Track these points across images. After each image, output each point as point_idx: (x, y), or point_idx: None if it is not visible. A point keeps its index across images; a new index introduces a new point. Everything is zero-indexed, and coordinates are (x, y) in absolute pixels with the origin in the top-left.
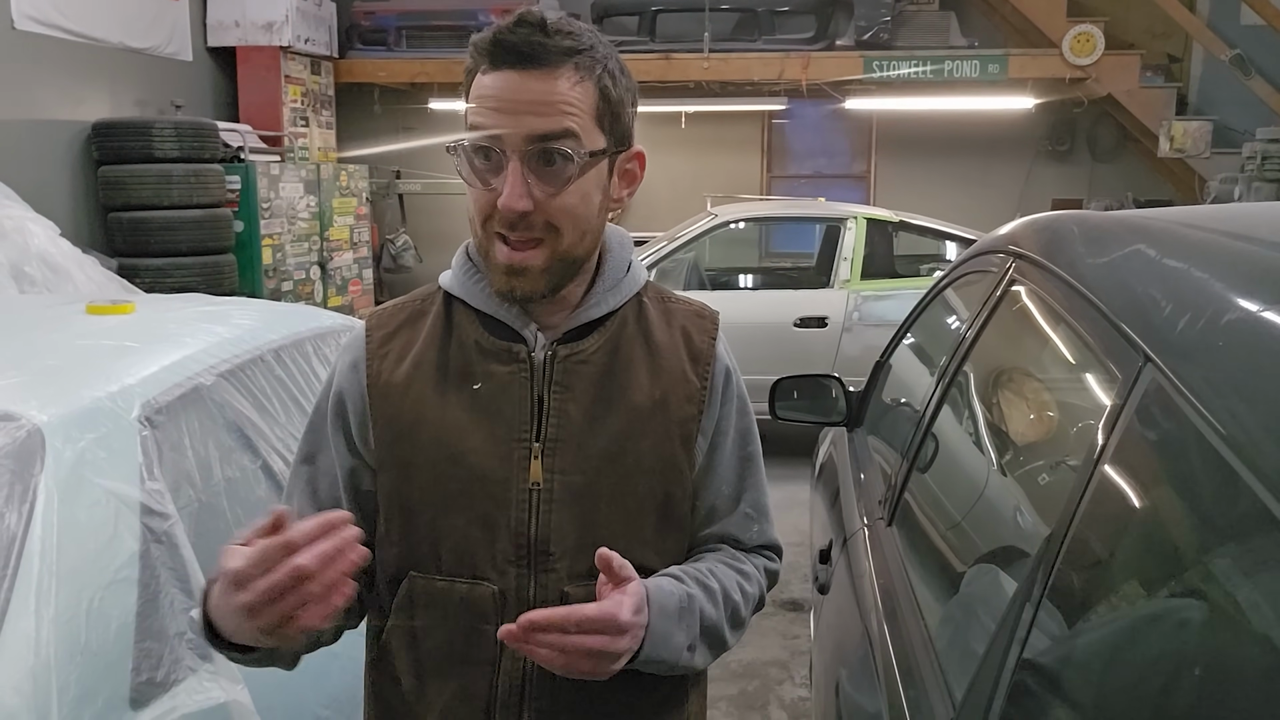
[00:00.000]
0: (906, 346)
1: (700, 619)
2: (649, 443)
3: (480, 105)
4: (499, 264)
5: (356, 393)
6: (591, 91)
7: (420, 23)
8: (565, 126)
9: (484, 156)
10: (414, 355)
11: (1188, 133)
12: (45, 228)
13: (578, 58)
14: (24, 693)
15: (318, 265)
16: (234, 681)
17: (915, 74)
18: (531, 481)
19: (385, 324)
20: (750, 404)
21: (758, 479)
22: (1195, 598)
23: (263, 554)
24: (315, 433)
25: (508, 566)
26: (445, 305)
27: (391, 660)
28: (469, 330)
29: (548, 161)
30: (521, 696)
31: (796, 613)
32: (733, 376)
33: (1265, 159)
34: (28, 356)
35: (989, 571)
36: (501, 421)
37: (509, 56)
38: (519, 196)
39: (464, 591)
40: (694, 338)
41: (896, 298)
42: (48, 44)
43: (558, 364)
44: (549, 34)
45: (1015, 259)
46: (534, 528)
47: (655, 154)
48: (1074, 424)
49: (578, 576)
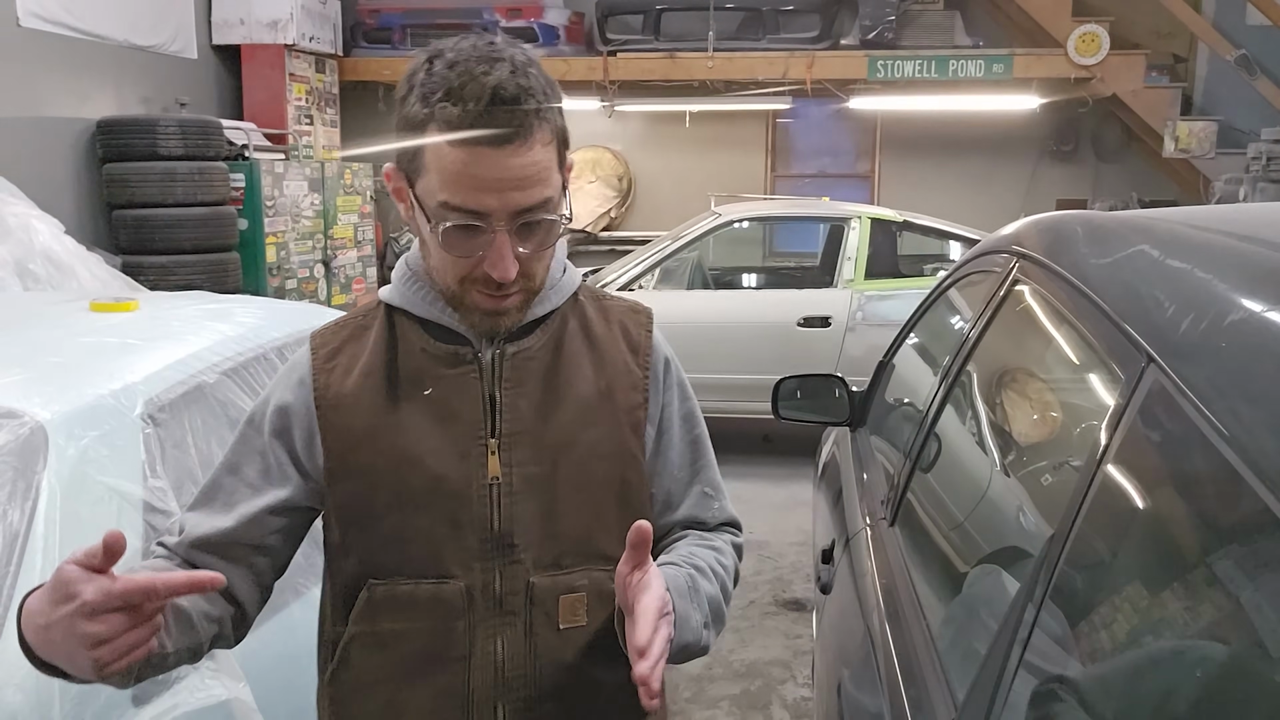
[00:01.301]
0: (910, 346)
1: (705, 596)
2: (600, 431)
3: (461, 185)
4: (481, 309)
5: (303, 408)
6: (553, 143)
7: (425, 21)
8: (546, 196)
9: (469, 231)
10: (362, 367)
11: (1193, 133)
12: (50, 225)
13: (541, 119)
14: (26, 690)
15: (322, 263)
16: (235, 679)
17: (920, 74)
18: (491, 476)
19: (329, 341)
20: (691, 390)
21: (709, 459)
22: (1197, 598)
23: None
24: (244, 444)
25: (473, 562)
26: (388, 318)
27: (354, 671)
28: (415, 339)
29: (534, 228)
30: (495, 691)
31: (799, 612)
32: (672, 364)
33: (1270, 159)
34: (31, 353)
35: (991, 572)
36: (457, 422)
37: (489, 135)
38: (510, 266)
39: (430, 591)
40: (631, 331)
41: (900, 298)
42: (53, 41)
43: (506, 361)
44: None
45: (1019, 259)
46: (497, 521)
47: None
48: (1077, 424)
49: (543, 567)
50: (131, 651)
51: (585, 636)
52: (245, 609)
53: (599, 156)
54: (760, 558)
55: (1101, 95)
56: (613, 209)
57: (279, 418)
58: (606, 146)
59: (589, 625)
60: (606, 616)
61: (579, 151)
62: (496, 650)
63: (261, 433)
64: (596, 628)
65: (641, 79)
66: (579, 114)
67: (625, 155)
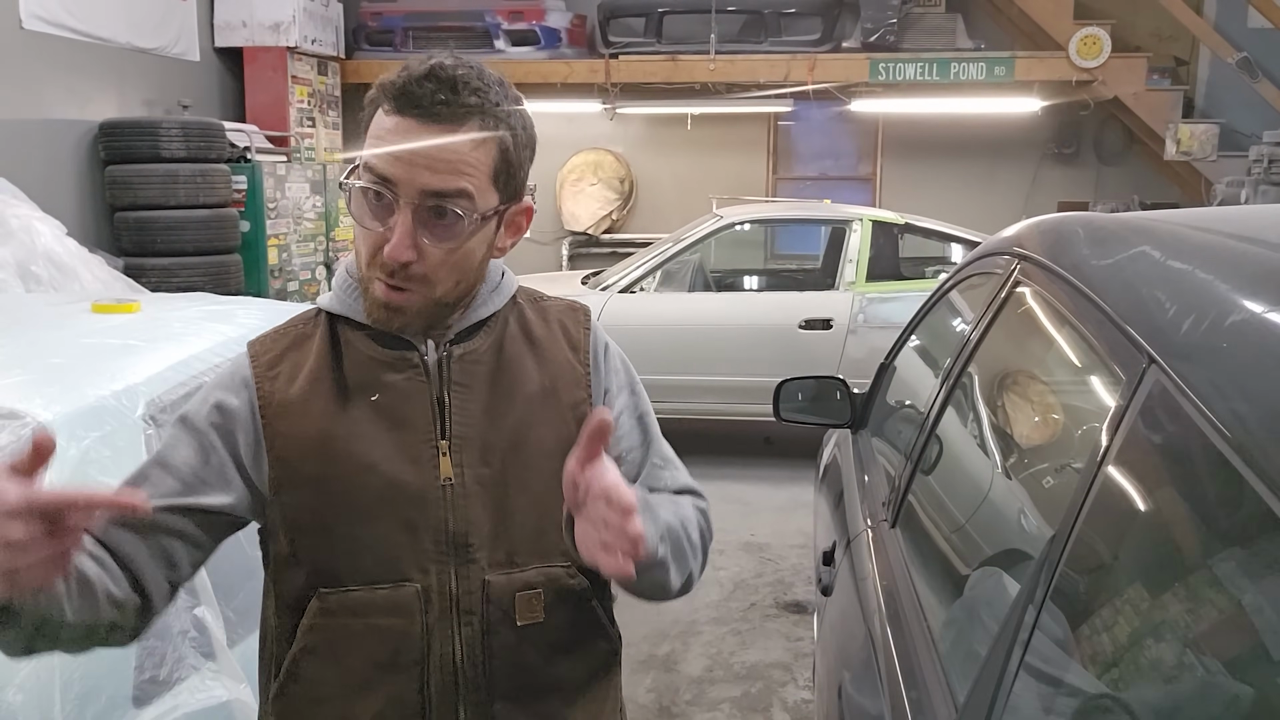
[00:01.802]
0: (911, 348)
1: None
2: (547, 429)
3: (378, 147)
4: (377, 299)
5: (247, 412)
6: (491, 151)
7: (427, 24)
8: (460, 186)
9: (375, 197)
10: (307, 374)
11: (1194, 135)
12: (52, 227)
13: (482, 117)
14: (27, 690)
15: (323, 265)
16: (236, 680)
17: (921, 76)
18: (443, 478)
19: (269, 349)
20: (635, 374)
21: (656, 433)
22: (1198, 600)
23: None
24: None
25: (429, 564)
26: (330, 325)
27: (304, 684)
28: (359, 345)
29: (439, 216)
30: (456, 693)
31: (800, 615)
32: (610, 350)
33: (1272, 162)
34: (33, 354)
35: (992, 574)
36: (407, 427)
37: (413, 109)
38: (405, 248)
39: (385, 596)
40: (570, 329)
41: (902, 300)
42: (55, 44)
43: (453, 364)
44: (457, 90)
45: (1020, 261)
46: (452, 522)
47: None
48: (1078, 426)
49: (497, 565)
50: (46, 567)
51: (544, 633)
52: (151, 601)
53: (600, 159)
54: (761, 560)
55: (1103, 98)
56: (614, 211)
57: (221, 416)
58: (608, 149)
59: (547, 621)
60: (564, 613)
61: (580, 154)
62: (454, 651)
63: (199, 431)
64: (555, 623)
65: (643, 81)
66: (581, 117)
67: (627, 157)
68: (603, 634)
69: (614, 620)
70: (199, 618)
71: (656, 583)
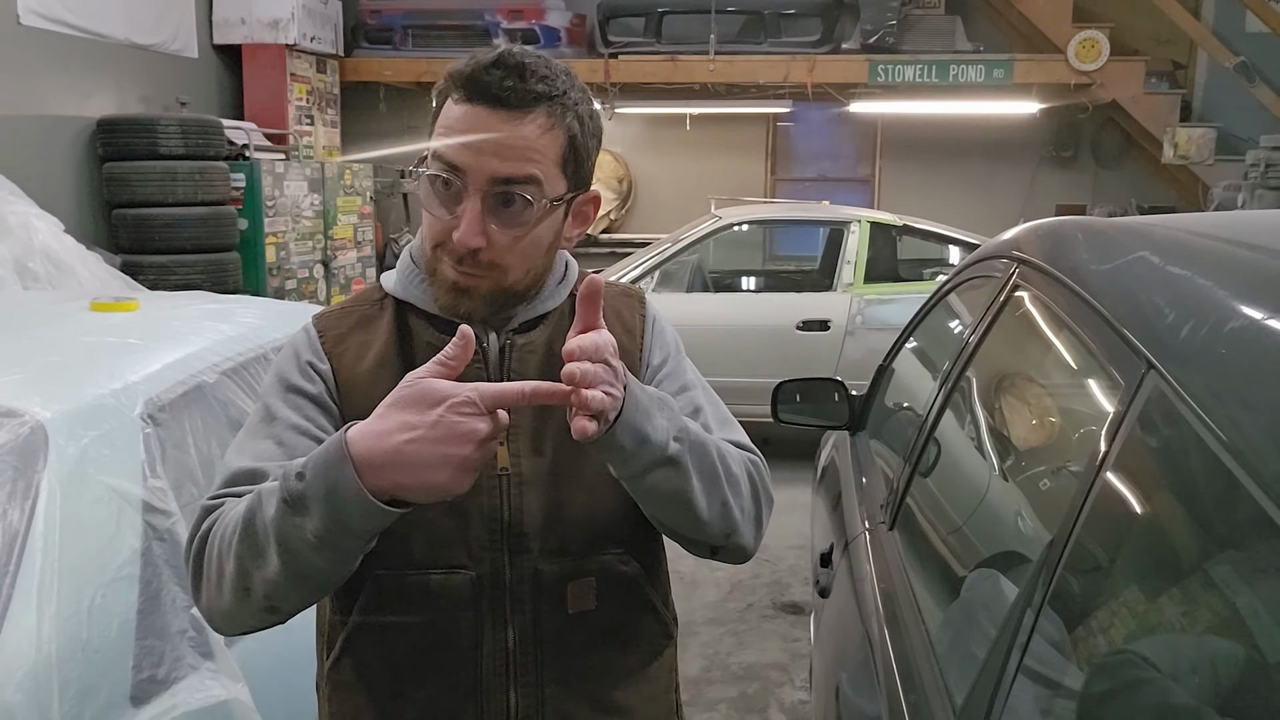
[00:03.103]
0: (909, 351)
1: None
2: None
3: (448, 135)
4: (445, 280)
5: (320, 382)
6: (559, 138)
7: (426, 22)
8: (529, 173)
9: (444, 185)
10: (375, 355)
11: (1192, 139)
12: (49, 223)
13: (550, 104)
14: (25, 689)
15: (321, 264)
16: (234, 679)
17: (920, 78)
18: (500, 467)
19: (336, 325)
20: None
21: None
22: (1196, 604)
23: (498, 394)
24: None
25: (483, 552)
26: (397, 310)
27: (358, 662)
28: (422, 332)
29: (507, 203)
30: (507, 676)
31: (797, 615)
32: (666, 329)
33: (1269, 166)
34: (31, 353)
35: (990, 577)
36: None
37: (482, 95)
38: (475, 234)
39: (439, 582)
40: (624, 314)
41: (899, 302)
42: (53, 40)
43: (514, 353)
44: (525, 78)
45: (1019, 264)
46: (506, 512)
47: (660, 156)
48: (1076, 430)
49: (549, 554)
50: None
51: (596, 620)
52: None
53: (599, 159)
54: (758, 560)
55: (1101, 101)
56: (613, 211)
57: (312, 372)
58: (607, 149)
59: (599, 608)
60: (616, 599)
61: None
62: (508, 638)
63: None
64: (607, 610)
65: (642, 81)
66: None
67: (626, 158)
68: (656, 618)
69: (669, 604)
70: (197, 617)
71: (674, 492)
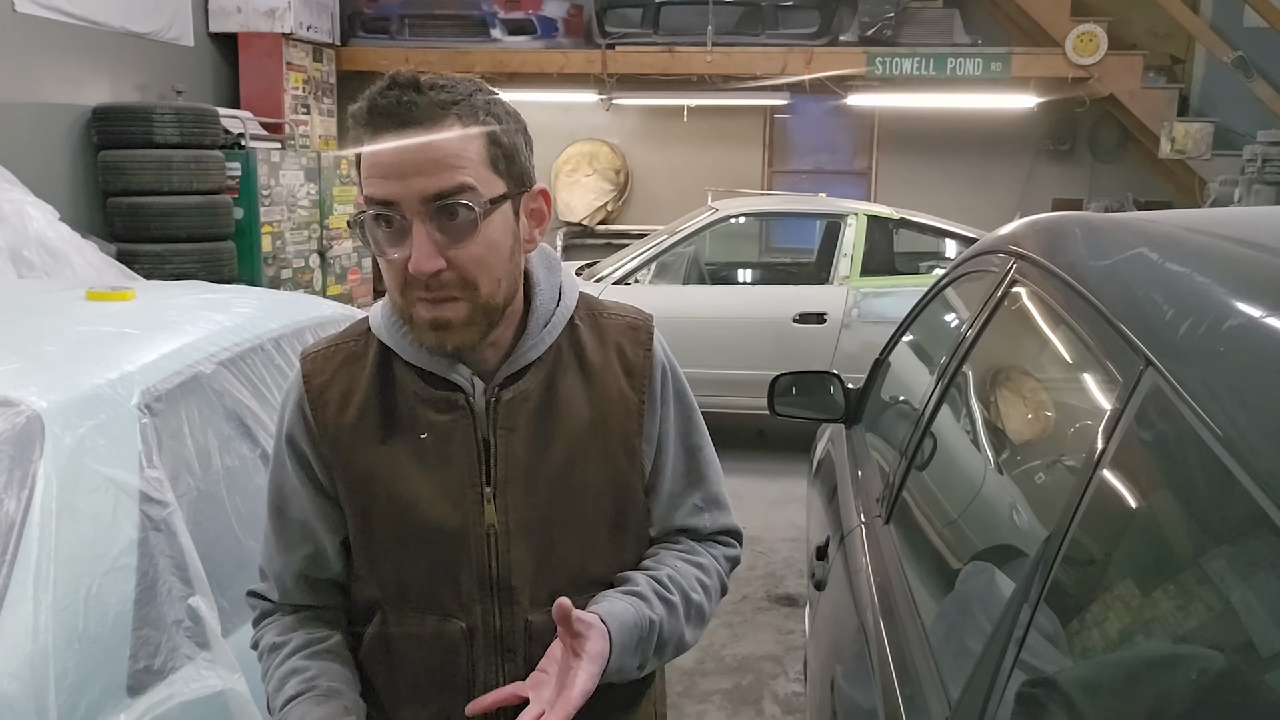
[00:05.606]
0: (906, 344)
1: (658, 637)
2: (594, 465)
3: (371, 174)
4: (424, 321)
5: (307, 438)
6: (479, 140)
7: (423, 11)
8: (459, 181)
9: (386, 224)
10: (357, 403)
11: (1189, 134)
12: (44, 212)
13: (457, 108)
14: (21, 679)
15: (317, 253)
16: (231, 670)
17: (918, 71)
18: (488, 524)
19: (321, 369)
20: (692, 396)
21: (707, 470)
22: (1192, 600)
23: None
24: (277, 480)
25: (473, 604)
26: (381, 352)
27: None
28: (407, 381)
29: (451, 216)
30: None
31: (791, 607)
32: (669, 377)
33: (1266, 161)
34: (27, 342)
35: (986, 572)
36: (450, 468)
37: (387, 121)
38: (428, 257)
39: (435, 625)
40: (627, 352)
41: (896, 295)
42: (49, 27)
43: (501, 407)
44: (422, 90)
45: (1016, 259)
46: (495, 568)
47: (657, 147)
48: (1073, 426)
49: (539, 604)
50: None
51: None
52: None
53: (596, 150)
54: (754, 553)
55: (1099, 95)
56: (609, 202)
57: (294, 446)
58: (604, 140)
59: None
60: None
61: (576, 145)
62: (499, 682)
63: (285, 465)
64: None
65: (639, 72)
66: (577, 107)
67: (622, 149)
68: None
69: None
70: (193, 607)
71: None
